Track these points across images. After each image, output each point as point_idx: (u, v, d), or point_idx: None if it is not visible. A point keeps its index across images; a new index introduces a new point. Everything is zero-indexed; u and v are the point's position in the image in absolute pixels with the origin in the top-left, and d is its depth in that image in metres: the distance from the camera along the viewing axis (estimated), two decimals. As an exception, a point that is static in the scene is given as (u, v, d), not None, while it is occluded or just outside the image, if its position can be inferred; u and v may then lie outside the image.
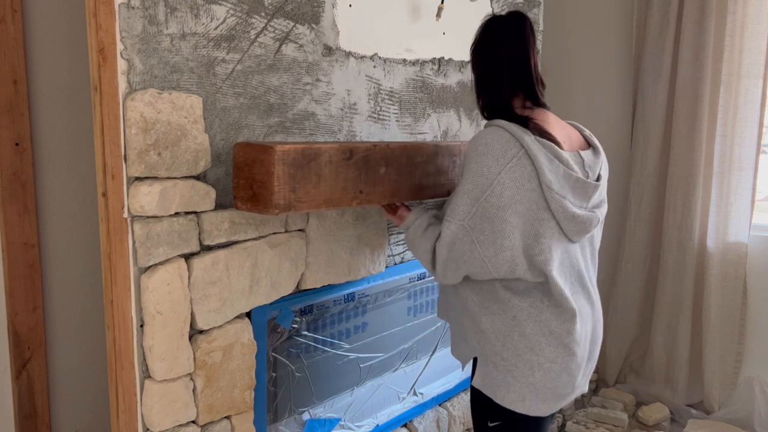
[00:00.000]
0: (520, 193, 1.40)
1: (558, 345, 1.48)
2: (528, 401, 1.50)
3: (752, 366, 2.85)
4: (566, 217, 1.43)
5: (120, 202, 1.43)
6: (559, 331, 1.47)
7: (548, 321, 1.47)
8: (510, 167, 1.39)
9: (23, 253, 2.01)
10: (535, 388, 1.49)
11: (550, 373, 1.48)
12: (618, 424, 2.73)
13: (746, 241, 2.79)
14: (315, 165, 1.50)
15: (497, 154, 1.40)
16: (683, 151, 2.84)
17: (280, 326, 1.83)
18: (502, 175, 1.39)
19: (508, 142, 1.41)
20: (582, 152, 1.52)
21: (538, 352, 1.47)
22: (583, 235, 1.50)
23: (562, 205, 1.42)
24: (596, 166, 1.53)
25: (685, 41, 2.78)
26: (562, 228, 1.45)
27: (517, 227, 1.41)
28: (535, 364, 1.48)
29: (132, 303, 1.49)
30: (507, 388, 1.50)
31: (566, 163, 1.43)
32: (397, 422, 2.29)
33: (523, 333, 1.47)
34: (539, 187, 1.41)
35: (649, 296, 3.07)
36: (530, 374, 1.48)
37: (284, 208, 1.46)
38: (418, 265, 2.28)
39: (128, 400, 1.52)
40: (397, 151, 1.67)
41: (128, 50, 1.40)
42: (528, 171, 1.40)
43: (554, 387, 1.50)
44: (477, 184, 1.42)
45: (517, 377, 1.49)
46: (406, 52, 2.13)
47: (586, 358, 1.55)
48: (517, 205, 1.40)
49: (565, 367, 1.49)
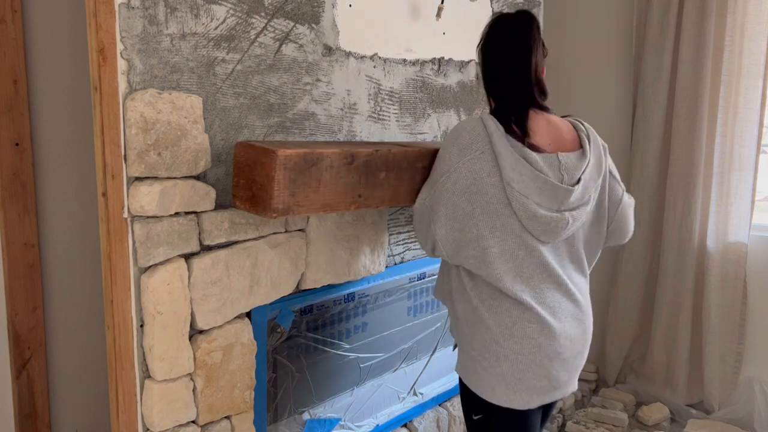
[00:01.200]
0: (478, 184, 1.46)
1: (522, 337, 1.49)
2: (498, 391, 1.51)
3: (752, 366, 2.85)
4: (528, 216, 1.46)
5: (120, 202, 1.43)
6: (520, 322, 1.49)
7: (509, 312, 1.49)
8: (470, 159, 1.47)
9: (23, 253, 2.01)
10: (504, 378, 1.50)
11: (517, 364, 1.49)
12: (618, 424, 2.73)
13: (746, 241, 2.79)
14: (316, 170, 1.49)
15: (463, 144, 1.49)
16: (683, 151, 2.83)
17: (280, 326, 1.83)
18: (460, 165, 1.48)
19: (477, 136, 1.48)
20: (562, 154, 1.50)
21: (502, 344, 1.50)
22: (553, 236, 1.50)
23: (523, 204, 1.45)
24: (578, 169, 1.51)
25: (685, 41, 2.78)
26: (525, 226, 1.48)
27: (469, 214, 1.48)
28: (501, 355, 1.50)
29: (132, 303, 1.49)
30: (477, 378, 1.54)
31: (534, 164, 1.45)
32: (397, 422, 2.29)
33: (487, 325, 1.51)
34: (501, 183, 1.46)
35: (649, 296, 3.07)
36: (497, 365, 1.50)
37: (282, 212, 1.45)
38: (418, 265, 2.28)
39: (128, 400, 1.52)
40: (398, 156, 1.67)
41: (128, 50, 1.40)
42: (489, 166, 1.46)
43: (524, 378, 1.50)
44: (437, 168, 1.54)
45: (485, 367, 1.52)
46: (406, 52, 2.13)
47: (564, 354, 1.53)
48: (473, 195, 1.47)
49: (533, 359, 1.49)
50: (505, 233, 1.48)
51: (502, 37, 1.54)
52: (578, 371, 1.61)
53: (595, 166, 1.56)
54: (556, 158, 1.50)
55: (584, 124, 1.62)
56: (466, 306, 1.55)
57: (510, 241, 1.48)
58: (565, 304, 1.55)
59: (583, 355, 1.61)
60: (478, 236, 1.48)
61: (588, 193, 1.54)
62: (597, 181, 1.56)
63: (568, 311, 1.55)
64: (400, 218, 2.20)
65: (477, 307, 1.52)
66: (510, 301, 1.50)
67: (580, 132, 1.59)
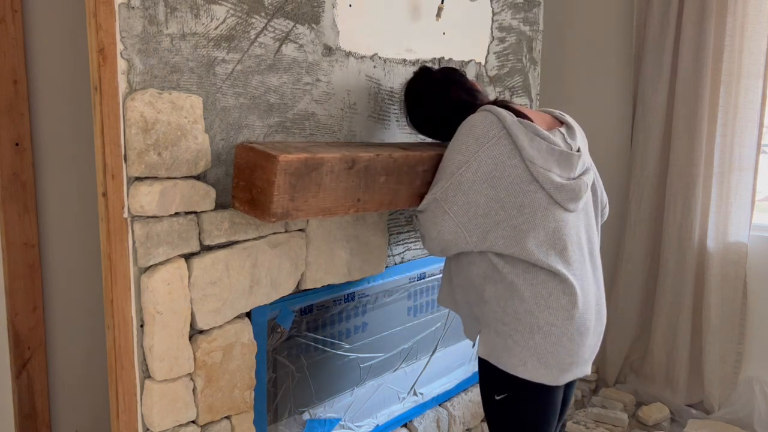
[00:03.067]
0: (499, 168, 1.52)
1: (556, 308, 1.53)
2: (530, 365, 1.53)
3: (752, 366, 2.85)
4: (555, 187, 1.53)
5: (120, 202, 1.43)
6: (555, 293, 1.53)
7: (545, 283, 1.53)
8: (489, 146, 1.53)
9: (23, 253, 2.01)
10: (536, 351, 1.52)
11: (551, 336, 1.52)
12: (618, 424, 2.73)
13: (746, 241, 2.79)
14: (316, 174, 1.49)
15: (478, 134, 1.54)
16: (683, 151, 2.84)
17: (280, 326, 1.84)
18: (480, 153, 1.53)
19: (492, 124, 1.54)
20: (559, 129, 1.64)
21: (537, 315, 1.52)
22: (577, 201, 1.58)
23: (548, 178, 1.53)
24: (574, 139, 1.64)
25: (685, 41, 2.78)
26: (554, 197, 1.54)
27: (494, 198, 1.53)
28: (535, 326, 1.52)
29: (132, 303, 1.49)
30: (509, 353, 1.55)
31: (547, 138, 1.55)
32: (397, 422, 2.29)
33: (522, 297, 1.53)
34: (522, 163, 1.52)
35: (649, 296, 3.07)
36: (530, 337, 1.52)
37: (281, 216, 1.45)
38: (418, 265, 2.28)
39: (128, 400, 1.52)
40: (399, 161, 1.66)
41: (128, 50, 1.40)
42: (508, 149, 1.52)
43: (555, 351, 1.53)
44: (453, 161, 1.57)
45: (517, 341, 1.53)
46: (406, 52, 2.13)
47: (590, 329, 1.58)
48: (495, 180, 1.52)
49: (565, 331, 1.53)
50: (534, 208, 1.53)
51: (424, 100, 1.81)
52: (594, 354, 1.65)
53: (581, 137, 1.70)
54: (558, 132, 1.62)
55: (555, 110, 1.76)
56: (497, 286, 1.57)
57: (540, 215, 1.53)
58: (590, 275, 1.62)
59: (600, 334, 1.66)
60: (507, 217, 1.53)
61: (587, 159, 1.67)
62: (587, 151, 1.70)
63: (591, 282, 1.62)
64: (400, 218, 2.20)
65: (512, 282, 1.55)
66: (545, 273, 1.54)
67: (552, 113, 1.72)
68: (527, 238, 1.53)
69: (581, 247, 1.61)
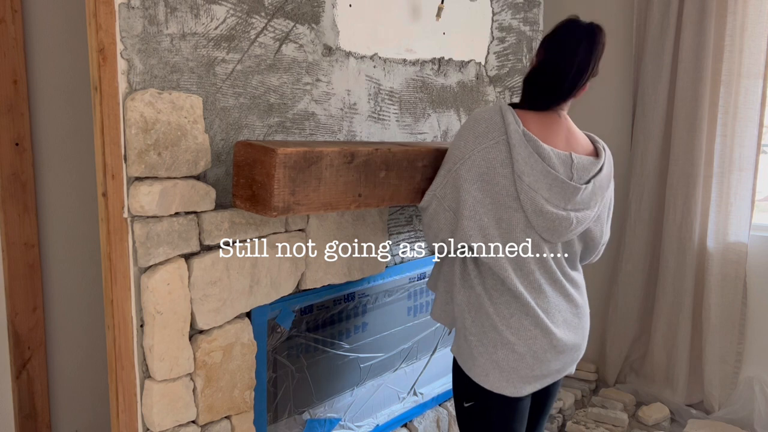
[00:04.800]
0: (490, 174, 1.47)
1: (518, 328, 1.52)
2: (492, 377, 1.53)
3: (752, 366, 2.85)
4: (534, 210, 1.48)
5: (120, 202, 1.43)
6: (517, 315, 1.52)
7: (508, 304, 1.52)
8: (485, 147, 1.48)
9: (23, 253, 2.01)
10: (499, 366, 1.52)
11: (513, 354, 1.52)
12: (618, 424, 2.73)
13: (746, 241, 2.79)
14: (316, 168, 1.49)
15: (479, 132, 1.49)
16: (683, 151, 2.83)
17: (280, 326, 1.83)
18: (475, 152, 1.48)
19: (494, 125, 1.48)
20: (576, 154, 1.52)
21: (500, 332, 1.52)
22: (556, 236, 1.52)
23: (532, 198, 1.47)
24: (588, 171, 1.53)
25: (685, 41, 2.78)
26: (531, 221, 1.49)
27: (480, 202, 1.48)
28: (498, 342, 1.52)
29: (132, 303, 1.49)
30: (473, 362, 1.56)
31: (547, 159, 1.47)
32: (397, 422, 2.29)
33: (487, 312, 1.53)
34: (512, 175, 1.47)
35: (649, 296, 3.07)
36: (493, 351, 1.53)
37: (283, 210, 1.45)
38: (418, 265, 2.28)
39: (128, 400, 1.52)
40: (398, 155, 1.67)
41: (128, 50, 1.40)
42: (503, 157, 1.47)
43: (517, 368, 1.52)
44: (452, 155, 1.54)
45: (482, 353, 1.54)
46: (406, 52, 2.13)
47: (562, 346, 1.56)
48: (485, 183, 1.48)
49: (529, 350, 1.52)
50: (510, 226, 1.49)
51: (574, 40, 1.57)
52: (575, 362, 1.64)
53: (606, 176, 1.58)
54: (569, 156, 1.51)
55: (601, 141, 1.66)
56: (470, 292, 1.57)
57: (514, 235, 1.50)
58: (562, 305, 1.58)
59: (581, 347, 1.64)
60: (488, 224, 1.50)
61: (595, 199, 1.55)
62: (605, 192, 1.59)
63: (564, 313, 1.58)
64: (400, 218, 2.20)
65: (480, 294, 1.54)
66: (510, 293, 1.52)
67: (596, 143, 1.63)
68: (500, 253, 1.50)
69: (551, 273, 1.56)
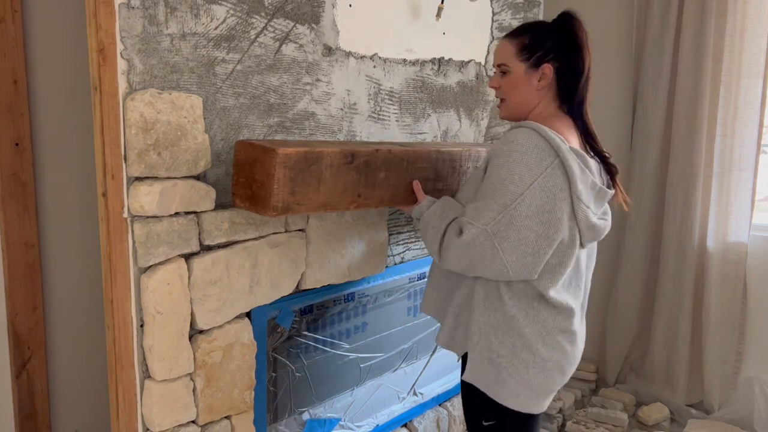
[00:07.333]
0: (550, 202, 1.40)
1: (553, 345, 1.50)
2: (522, 398, 1.52)
3: (752, 366, 2.85)
4: (588, 226, 1.46)
5: (120, 202, 1.43)
6: (553, 332, 1.50)
7: (546, 321, 1.50)
8: (543, 177, 1.39)
9: (23, 253, 2.01)
10: (529, 385, 1.51)
11: (544, 371, 1.51)
12: (618, 424, 2.73)
13: (746, 241, 2.79)
14: (316, 169, 1.49)
15: (531, 163, 1.39)
16: (683, 151, 2.83)
17: (280, 326, 1.83)
18: (534, 185, 1.39)
19: (543, 151, 1.40)
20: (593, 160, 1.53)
21: (534, 352, 1.49)
22: (594, 241, 1.54)
23: (586, 215, 1.45)
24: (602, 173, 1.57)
25: (685, 41, 2.78)
26: (582, 236, 1.48)
27: (542, 235, 1.41)
28: (530, 362, 1.50)
29: (132, 303, 1.49)
30: (501, 385, 1.51)
31: (593, 172, 1.47)
32: (397, 422, 2.29)
33: (521, 333, 1.49)
34: (569, 197, 1.42)
35: (649, 296, 3.07)
36: (525, 371, 1.50)
37: (282, 210, 1.45)
38: (418, 265, 2.28)
39: (128, 400, 1.52)
40: (398, 156, 1.67)
41: (128, 50, 1.40)
42: (560, 181, 1.40)
43: (546, 384, 1.53)
44: (507, 191, 1.39)
45: (512, 374, 1.50)
46: (406, 52, 2.13)
47: (578, 357, 1.59)
48: (545, 213, 1.40)
49: (558, 366, 1.52)
50: (567, 246, 1.47)
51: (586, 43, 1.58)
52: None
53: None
54: (596, 162, 1.52)
55: None
56: (497, 315, 1.50)
57: (565, 250, 1.47)
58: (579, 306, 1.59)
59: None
60: (545, 255, 1.44)
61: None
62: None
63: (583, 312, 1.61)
64: (400, 218, 2.20)
65: (514, 315, 1.48)
66: (549, 310, 1.49)
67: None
68: (552, 272, 1.47)
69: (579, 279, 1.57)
